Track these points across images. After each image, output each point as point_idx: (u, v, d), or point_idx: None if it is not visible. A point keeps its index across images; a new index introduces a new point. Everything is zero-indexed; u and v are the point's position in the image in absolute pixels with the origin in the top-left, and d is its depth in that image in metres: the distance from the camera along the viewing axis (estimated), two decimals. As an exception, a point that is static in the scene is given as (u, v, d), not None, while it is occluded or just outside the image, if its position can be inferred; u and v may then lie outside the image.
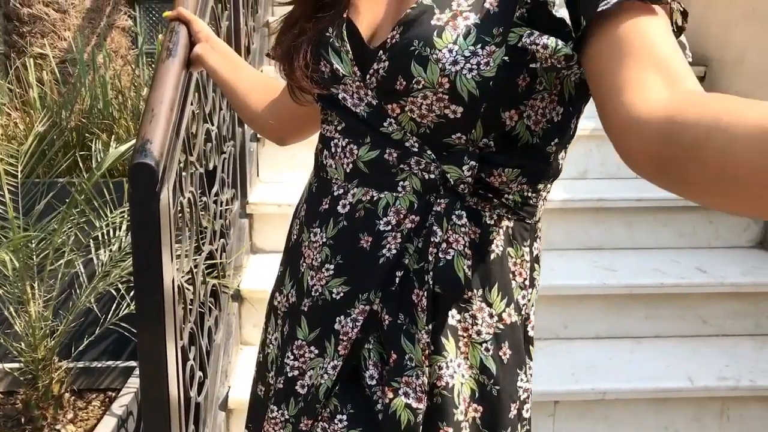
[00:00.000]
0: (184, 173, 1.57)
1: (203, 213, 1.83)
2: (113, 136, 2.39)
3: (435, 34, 0.76)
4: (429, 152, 0.81)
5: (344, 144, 0.87)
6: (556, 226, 2.54)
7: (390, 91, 0.80)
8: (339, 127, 0.89)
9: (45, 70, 2.81)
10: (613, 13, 0.68)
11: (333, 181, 0.89)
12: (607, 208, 2.54)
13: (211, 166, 1.92)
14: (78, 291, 2.16)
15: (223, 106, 2.12)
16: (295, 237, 0.99)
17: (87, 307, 2.16)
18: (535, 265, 0.91)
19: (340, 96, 0.87)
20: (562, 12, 0.71)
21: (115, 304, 2.11)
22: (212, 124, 1.93)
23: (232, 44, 2.33)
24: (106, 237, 2.06)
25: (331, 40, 0.86)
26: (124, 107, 2.55)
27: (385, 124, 0.83)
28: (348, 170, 0.87)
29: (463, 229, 0.80)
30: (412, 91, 0.78)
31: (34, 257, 2.05)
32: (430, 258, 0.80)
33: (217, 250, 1.97)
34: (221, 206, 2.10)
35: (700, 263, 2.42)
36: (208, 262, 1.91)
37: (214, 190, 1.98)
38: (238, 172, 2.37)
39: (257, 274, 2.31)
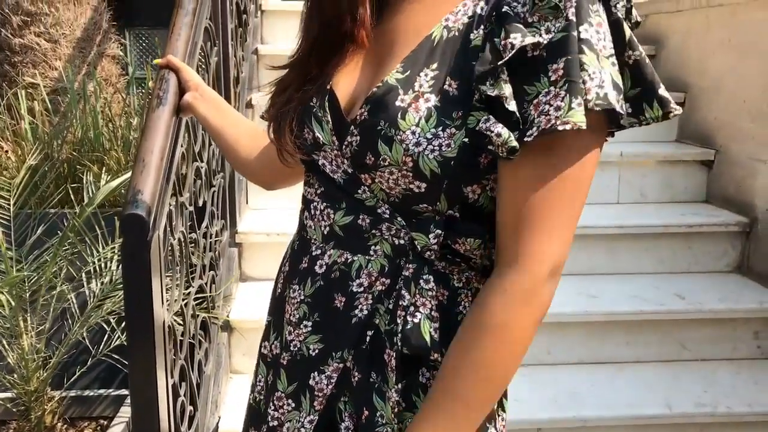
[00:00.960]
0: (174, 215, 1.62)
1: (193, 249, 1.87)
2: (104, 168, 2.42)
3: (399, 115, 0.80)
4: (399, 219, 0.85)
5: (322, 208, 0.92)
6: (540, 252, 2.59)
7: (362, 164, 0.85)
8: (318, 191, 0.93)
9: (36, 99, 2.85)
10: (529, 148, 0.74)
11: (312, 242, 0.94)
12: (590, 235, 2.60)
13: (200, 203, 1.97)
14: (70, 321, 2.20)
15: (212, 141, 2.17)
16: (279, 290, 1.03)
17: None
18: None
19: (320, 162, 0.91)
20: (512, 105, 0.75)
21: (106, 336, 2.14)
22: (202, 161, 1.98)
23: (221, 77, 2.37)
24: (97, 269, 2.10)
25: (315, 109, 0.90)
26: (114, 137, 2.59)
27: (359, 191, 0.87)
28: (325, 232, 0.92)
29: (430, 293, 0.84)
30: (379, 166, 0.82)
31: (27, 290, 2.08)
32: (399, 321, 0.85)
33: (206, 283, 2.01)
34: (211, 239, 2.14)
35: (679, 289, 2.48)
36: (198, 295, 1.95)
37: (203, 225, 2.02)
38: (228, 203, 2.41)
39: (246, 303, 2.35)
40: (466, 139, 0.78)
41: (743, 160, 2.70)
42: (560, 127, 0.71)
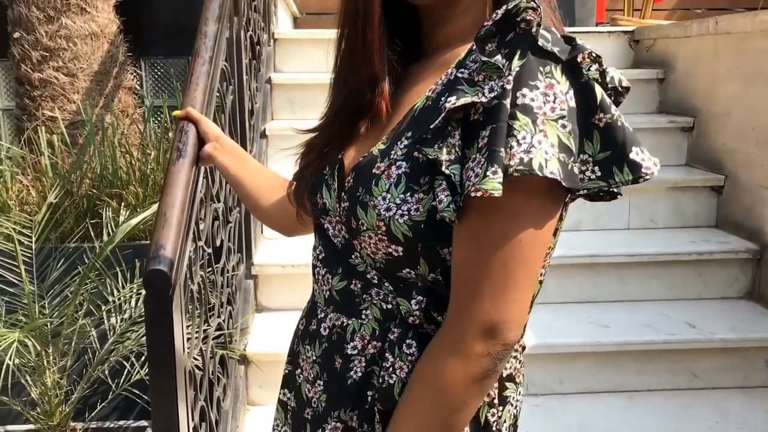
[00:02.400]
0: (193, 260, 1.66)
1: (211, 289, 1.91)
2: (122, 203, 2.48)
3: (373, 182, 0.84)
4: (387, 284, 0.89)
5: (323, 273, 0.97)
6: (551, 281, 2.62)
7: (350, 229, 0.89)
8: (320, 257, 0.98)
9: (55, 133, 2.92)
10: (465, 211, 0.77)
11: (318, 305, 0.99)
12: (600, 264, 2.63)
13: (218, 242, 2.01)
14: (91, 355, 2.25)
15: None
16: (295, 346, 1.08)
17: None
18: (508, 384, 0.95)
19: (326, 226, 0.96)
20: (451, 169, 0.78)
21: (125, 371, 2.19)
22: (219, 202, 2.02)
23: (236, 112, 2.42)
24: (118, 306, 2.15)
25: (326, 177, 0.95)
26: (132, 171, 2.64)
27: (352, 256, 0.92)
28: (326, 296, 0.96)
29: (410, 358, 0.87)
30: (361, 231, 0.86)
31: (49, 328, 2.13)
32: (380, 380, 0.89)
33: (224, 320, 2.05)
34: (228, 273, 2.19)
35: (690, 317, 2.50)
36: (217, 332, 1.99)
37: (221, 263, 2.07)
38: (243, 236, 2.46)
39: (263, 335, 2.39)
40: (434, 203, 0.80)
41: (752, 187, 2.72)
42: (472, 194, 0.74)
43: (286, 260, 2.56)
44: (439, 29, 0.93)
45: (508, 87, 0.75)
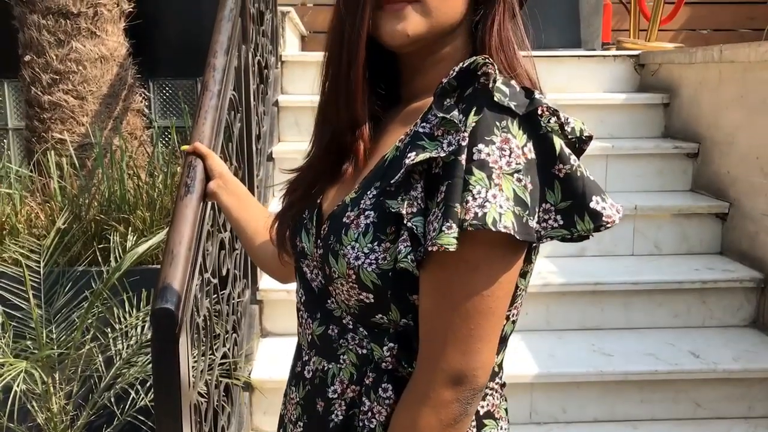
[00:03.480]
0: (200, 293, 1.68)
1: (217, 319, 1.93)
2: (130, 227, 2.50)
3: (343, 231, 0.86)
4: (361, 329, 0.90)
5: (306, 317, 0.98)
6: (556, 308, 2.63)
7: (325, 275, 0.91)
8: (302, 300, 1.00)
9: (64, 155, 2.94)
10: (427, 262, 0.80)
11: (302, 347, 1.01)
12: (604, 291, 2.64)
13: (224, 272, 2.03)
14: (97, 380, 2.26)
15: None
16: (286, 387, 1.09)
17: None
18: (486, 421, 0.95)
19: (304, 270, 0.97)
20: (413, 221, 0.80)
21: (130, 398, 2.20)
22: (226, 232, 2.04)
23: (244, 138, 2.44)
24: (124, 334, 2.16)
25: (305, 221, 0.97)
26: (140, 195, 2.67)
27: (329, 301, 0.93)
28: (309, 340, 0.98)
29: (387, 401, 0.88)
30: (334, 278, 0.88)
31: (55, 355, 2.15)
32: (360, 425, 0.90)
33: (229, 348, 2.07)
34: (233, 300, 2.20)
35: (694, 346, 2.50)
36: (222, 361, 2.01)
37: (227, 291, 2.09)
38: (249, 262, 2.48)
39: (267, 362, 2.40)
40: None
41: (756, 216, 2.73)
42: (430, 248, 0.76)
43: (291, 286, 2.56)
44: (417, 77, 0.95)
45: (464, 143, 0.78)
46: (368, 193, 0.87)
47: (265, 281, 2.62)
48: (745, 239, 2.80)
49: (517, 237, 0.76)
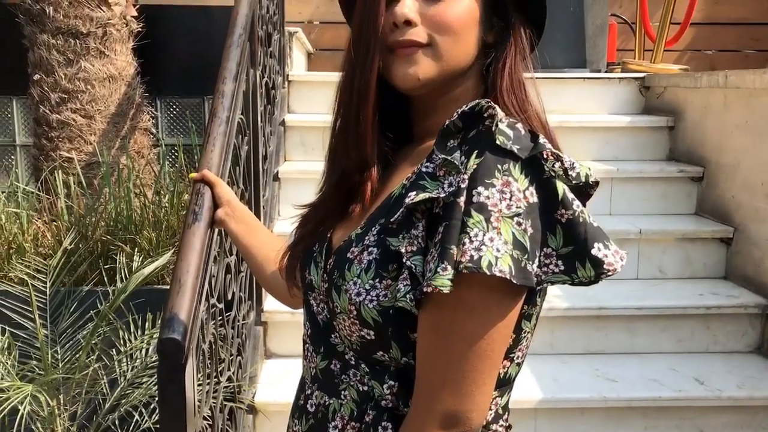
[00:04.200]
0: (206, 319, 1.69)
1: (222, 344, 1.93)
2: (136, 248, 2.51)
3: (346, 267, 0.87)
4: (363, 366, 0.91)
5: (311, 350, 0.99)
6: (560, 333, 2.63)
7: (330, 310, 0.91)
8: (308, 333, 1.00)
9: (71, 174, 2.96)
10: (423, 304, 0.80)
11: (306, 380, 1.01)
12: (609, 316, 2.64)
13: (230, 296, 2.04)
14: (101, 400, 2.26)
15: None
16: (289, 418, 1.09)
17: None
18: None
19: (311, 302, 0.98)
20: (412, 260, 0.80)
21: (134, 420, 2.20)
22: (231, 255, 2.05)
23: (251, 159, 2.45)
24: (129, 357, 2.17)
25: (315, 254, 0.98)
26: (146, 215, 2.68)
27: (332, 336, 0.94)
28: (312, 374, 0.98)
29: None
30: (337, 312, 0.89)
31: (61, 379, 2.15)
32: None
33: (234, 373, 2.07)
34: (238, 322, 2.21)
35: (698, 372, 2.50)
36: (226, 384, 2.01)
37: (232, 314, 2.09)
38: (254, 283, 2.48)
39: (271, 384, 2.40)
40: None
41: (761, 241, 2.73)
42: (425, 289, 0.77)
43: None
44: (428, 118, 0.96)
45: (463, 185, 0.78)
46: (372, 229, 0.88)
47: (270, 302, 2.63)
48: (750, 264, 2.80)
49: (514, 281, 0.76)
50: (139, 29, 3.41)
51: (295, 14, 5.11)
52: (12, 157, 4.05)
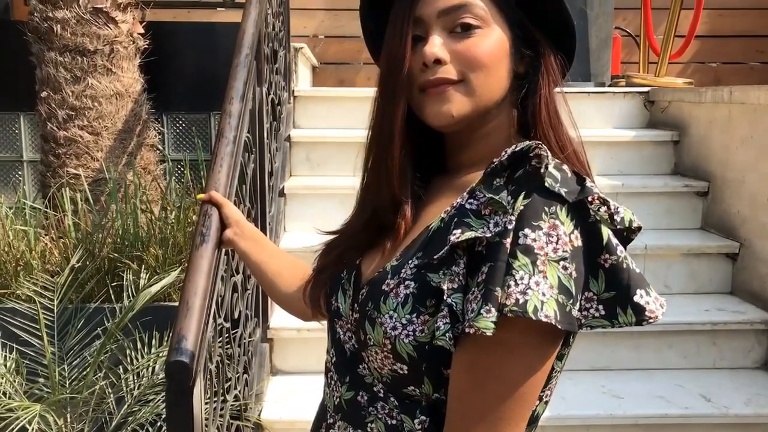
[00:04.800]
0: (213, 339, 1.69)
1: (229, 363, 1.94)
2: (143, 265, 2.52)
3: (382, 299, 0.85)
4: (393, 399, 0.89)
5: (335, 378, 0.98)
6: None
7: (359, 341, 0.91)
8: (333, 360, 0.99)
9: (78, 191, 2.98)
10: (461, 342, 0.79)
11: (328, 409, 1.00)
12: (615, 332, 2.63)
13: (237, 315, 2.05)
14: (107, 418, 2.27)
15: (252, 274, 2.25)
16: None
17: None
18: None
19: (338, 330, 0.98)
20: (452, 298, 0.79)
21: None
22: (238, 274, 2.06)
23: (257, 177, 2.46)
24: (136, 375, 2.18)
25: (343, 281, 0.97)
26: (153, 232, 2.69)
27: (360, 366, 0.93)
28: (336, 403, 0.97)
29: None
30: (368, 345, 0.88)
31: (68, 399, 2.16)
32: None
33: (240, 391, 2.08)
34: (244, 340, 2.22)
35: (705, 389, 2.49)
36: (233, 402, 2.02)
37: (238, 332, 2.10)
38: (260, 300, 2.49)
39: (277, 401, 2.41)
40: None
41: (767, 257, 2.72)
42: (466, 330, 0.75)
43: (301, 324, 2.56)
44: (461, 151, 0.96)
45: (510, 227, 0.77)
46: (409, 262, 0.86)
47: (276, 319, 2.64)
48: (756, 280, 2.80)
49: (559, 326, 0.75)
50: (146, 46, 3.44)
51: (300, 28, 5.14)
52: (19, 172, 4.08)
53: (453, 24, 0.90)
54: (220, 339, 1.84)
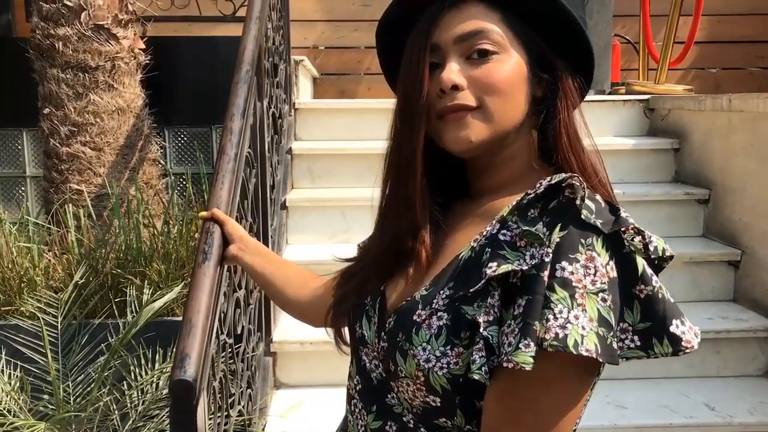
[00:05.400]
0: (216, 355, 1.70)
1: (232, 378, 1.95)
2: (146, 280, 2.53)
3: (413, 330, 0.84)
4: (423, 430, 0.88)
5: (360, 407, 0.97)
6: (568, 358, 2.63)
7: (388, 370, 0.90)
8: (358, 388, 0.98)
9: (81, 206, 2.99)
10: (496, 374, 0.77)
11: None
12: (617, 341, 2.63)
13: (239, 330, 2.05)
14: (111, 434, 2.28)
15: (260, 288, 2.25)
16: None
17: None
18: None
19: (363, 358, 0.96)
20: (488, 330, 0.78)
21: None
22: (241, 289, 2.07)
23: (258, 192, 2.47)
24: (140, 391, 2.18)
25: (367, 308, 0.96)
26: (155, 247, 2.70)
27: (389, 396, 0.92)
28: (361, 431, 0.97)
29: None
30: (399, 376, 0.87)
31: (72, 407, 2.17)
32: None
33: (244, 406, 2.08)
34: (247, 354, 2.22)
35: (709, 398, 2.49)
36: (236, 418, 2.02)
37: (241, 348, 2.10)
38: (263, 314, 2.50)
39: (281, 415, 2.41)
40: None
41: (769, 264, 2.73)
42: (504, 364, 0.75)
43: (304, 337, 2.58)
44: (483, 176, 0.96)
45: (547, 259, 0.76)
46: (441, 292, 0.85)
47: (279, 333, 2.64)
48: (758, 287, 2.80)
49: (600, 360, 0.74)
50: (147, 61, 3.46)
51: (300, 39, 5.17)
52: (22, 188, 4.10)
53: (470, 50, 0.90)
54: (223, 354, 1.84)
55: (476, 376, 0.77)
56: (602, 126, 3.70)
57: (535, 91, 0.93)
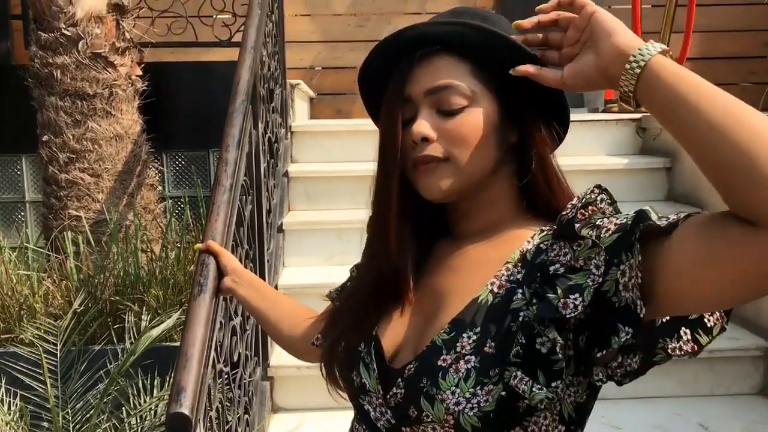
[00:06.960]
0: (213, 386, 1.72)
1: (229, 406, 1.97)
2: (144, 307, 2.56)
3: (440, 375, 0.84)
4: None
5: None
6: (563, 379, 2.65)
7: (404, 416, 0.88)
8: None
9: (80, 233, 3.03)
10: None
11: None
12: (611, 362, 2.65)
13: (236, 358, 2.08)
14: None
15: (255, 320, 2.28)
16: None
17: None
18: None
19: (365, 407, 0.95)
20: (550, 335, 0.80)
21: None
22: (237, 317, 2.09)
23: (254, 217, 2.50)
24: (137, 413, 2.20)
25: (362, 354, 0.96)
26: (153, 273, 2.73)
27: None
28: None
29: None
30: (423, 421, 0.86)
31: (71, 430, 2.19)
32: None
33: (241, 432, 2.10)
34: (245, 381, 2.24)
35: (703, 417, 2.51)
36: (234, 444, 2.04)
37: (238, 374, 2.13)
38: (260, 339, 2.52)
39: (279, 440, 2.43)
40: (504, 392, 0.82)
41: (761, 283, 2.75)
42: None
43: (301, 362, 2.60)
44: (466, 219, 0.98)
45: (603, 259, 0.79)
46: (464, 335, 0.86)
47: (275, 358, 2.66)
48: (750, 306, 2.82)
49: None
50: (144, 87, 3.50)
51: (297, 60, 5.22)
52: (22, 213, 4.13)
53: (439, 103, 0.93)
54: (220, 381, 1.86)
55: (540, 396, 0.79)
56: (595, 145, 3.73)
57: (509, 138, 0.96)
